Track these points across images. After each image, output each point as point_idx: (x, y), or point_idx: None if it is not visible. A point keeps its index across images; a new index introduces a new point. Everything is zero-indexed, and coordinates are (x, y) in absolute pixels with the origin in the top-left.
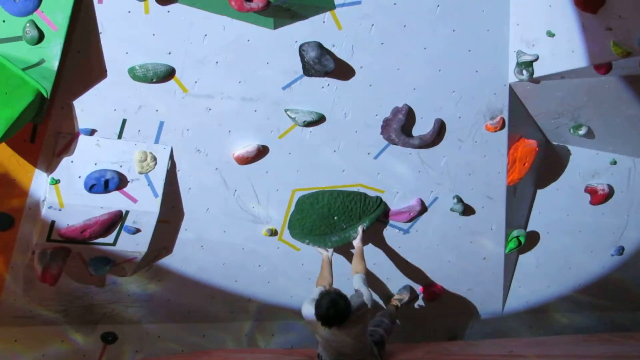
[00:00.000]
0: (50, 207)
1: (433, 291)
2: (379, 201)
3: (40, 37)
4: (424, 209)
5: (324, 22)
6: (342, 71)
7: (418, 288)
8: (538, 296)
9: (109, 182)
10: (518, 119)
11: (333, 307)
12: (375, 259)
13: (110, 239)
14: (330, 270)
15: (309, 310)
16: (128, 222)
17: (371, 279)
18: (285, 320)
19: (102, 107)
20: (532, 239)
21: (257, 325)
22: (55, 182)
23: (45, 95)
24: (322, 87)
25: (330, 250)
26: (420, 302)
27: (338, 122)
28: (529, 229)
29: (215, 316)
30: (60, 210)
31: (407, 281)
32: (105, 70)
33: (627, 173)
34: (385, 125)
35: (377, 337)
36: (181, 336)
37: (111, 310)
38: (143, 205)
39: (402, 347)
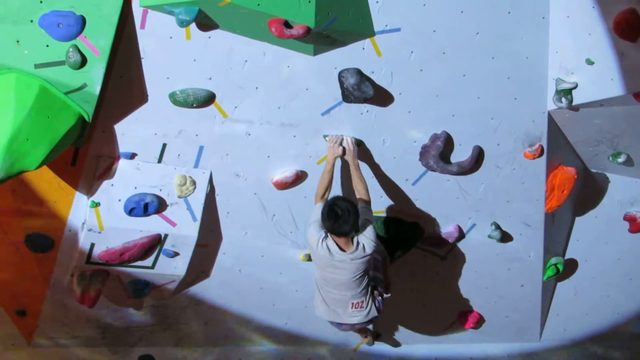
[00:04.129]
0: (90, 230)
1: (470, 318)
2: (417, 227)
3: (83, 61)
4: (461, 235)
5: (363, 48)
6: (381, 97)
7: (455, 314)
8: (576, 324)
9: (148, 206)
10: (557, 147)
11: (342, 209)
12: (412, 285)
13: (149, 262)
14: (332, 176)
15: (315, 229)
16: (167, 245)
17: (406, 305)
18: (321, 345)
19: (142, 131)
20: (571, 266)
21: (293, 350)
22: (96, 205)
23: (87, 119)
24: (361, 113)
25: (341, 148)
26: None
27: (376, 148)
28: (567, 256)
29: (251, 340)
30: (100, 233)
31: (445, 306)
32: (147, 95)
33: None
34: (424, 152)
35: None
36: None
37: (149, 332)
38: (182, 229)
39: None
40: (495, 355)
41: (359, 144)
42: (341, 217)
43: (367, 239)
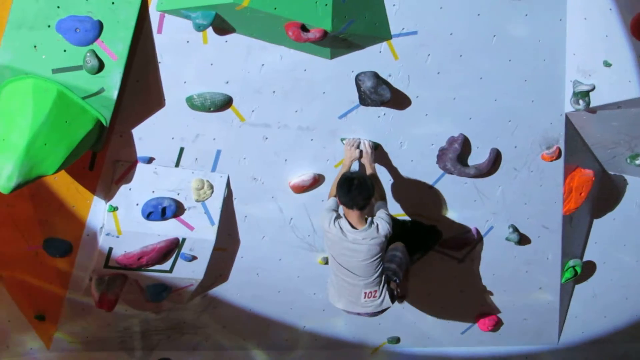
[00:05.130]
0: (108, 234)
1: (488, 321)
2: (434, 230)
3: (100, 66)
4: (479, 238)
5: (380, 52)
6: (398, 101)
7: (473, 317)
8: (594, 327)
9: (166, 210)
10: (574, 149)
11: (358, 178)
12: (431, 288)
13: (166, 266)
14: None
15: (327, 212)
16: (184, 249)
17: (425, 308)
18: (338, 349)
19: (160, 135)
20: (589, 269)
21: (312, 353)
22: (113, 209)
23: (104, 123)
24: (378, 117)
25: (357, 151)
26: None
27: (394, 151)
28: (585, 258)
29: (270, 344)
30: (117, 237)
31: (463, 308)
32: (164, 99)
33: None
34: (441, 155)
35: (390, 273)
36: None
37: (167, 336)
38: (199, 233)
39: None
40: (514, 356)
41: (376, 147)
42: (355, 187)
43: (381, 220)
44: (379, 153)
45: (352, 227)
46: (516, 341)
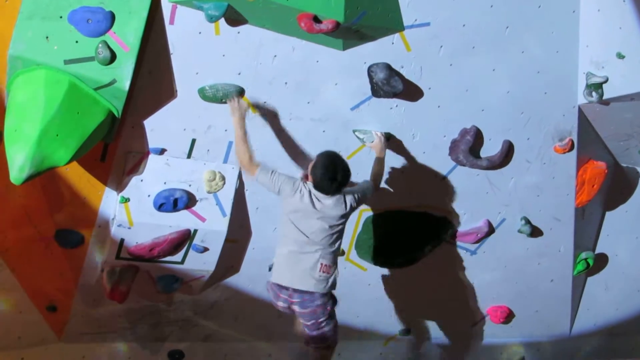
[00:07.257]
0: (119, 226)
1: (500, 313)
2: (446, 222)
3: (112, 57)
4: (491, 230)
5: (393, 43)
6: (411, 92)
7: (485, 309)
8: (606, 319)
9: (177, 201)
10: (587, 141)
11: (344, 171)
12: (442, 280)
13: (178, 257)
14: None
15: (284, 178)
16: (196, 240)
17: (436, 300)
18: (350, 340)
19: (172, 126)
20: (601, 261)
21: None
22: (125, 200)
23: (116, 114)
24: (391, 108)
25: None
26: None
27: (406, 143)
28: (597, 251)
29: (281, 335)
30: (129, 228)
31: (473, 302)
32: (176, 91)
33: None
34: (453, 147)
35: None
36: (247, 355)
37: (178, 328)
38: (211, 224)
39: None
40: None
41: (389, 138)
42: (336, 181)
43: (351, 194)
44: (391, 144)
45: (317, 199)
46: (528, 333)
